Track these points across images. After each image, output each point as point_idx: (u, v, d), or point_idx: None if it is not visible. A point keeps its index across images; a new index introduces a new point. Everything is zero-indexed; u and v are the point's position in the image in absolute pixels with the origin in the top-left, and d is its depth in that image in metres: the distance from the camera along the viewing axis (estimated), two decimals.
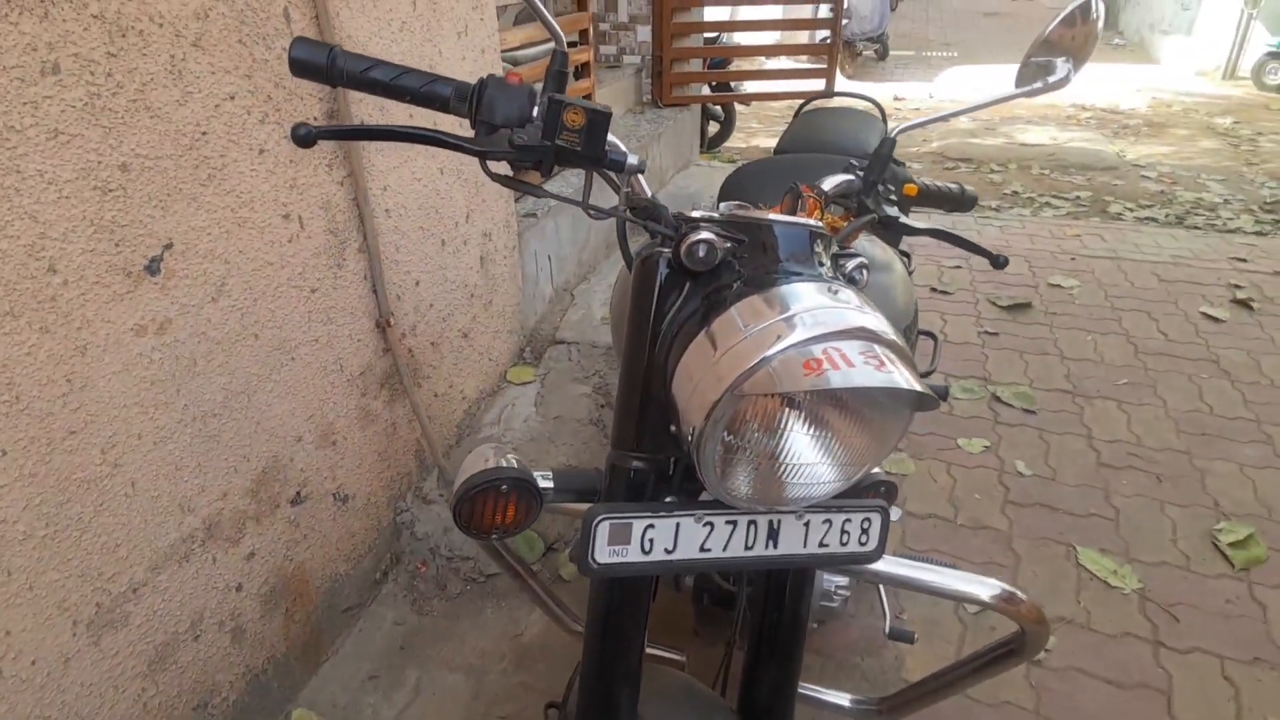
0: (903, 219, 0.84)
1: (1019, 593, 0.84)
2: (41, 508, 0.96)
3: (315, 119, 1.30)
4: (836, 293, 0.59)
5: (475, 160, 0.69)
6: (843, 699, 1.12)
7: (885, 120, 2.02)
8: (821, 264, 0.64)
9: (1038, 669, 1.55)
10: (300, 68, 0.66)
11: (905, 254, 1.71)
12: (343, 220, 1.41)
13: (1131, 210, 4.38)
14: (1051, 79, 0.85)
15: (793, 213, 0.79)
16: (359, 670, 1.56)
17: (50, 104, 0.88)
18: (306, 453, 1.42)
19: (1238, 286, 3.15)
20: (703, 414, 0.56)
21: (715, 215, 0.66)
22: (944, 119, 0.94)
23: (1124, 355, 2.70)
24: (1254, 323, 2.88)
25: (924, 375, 1.81)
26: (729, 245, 0.63)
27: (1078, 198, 4.66)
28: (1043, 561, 1.83)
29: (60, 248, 0.93)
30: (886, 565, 0.89)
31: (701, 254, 0.63)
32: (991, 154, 5.79)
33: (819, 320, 0.56)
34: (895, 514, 1.45)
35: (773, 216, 0.66)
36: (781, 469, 0.60)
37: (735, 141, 6.02)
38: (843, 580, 1.22)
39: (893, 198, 0.86)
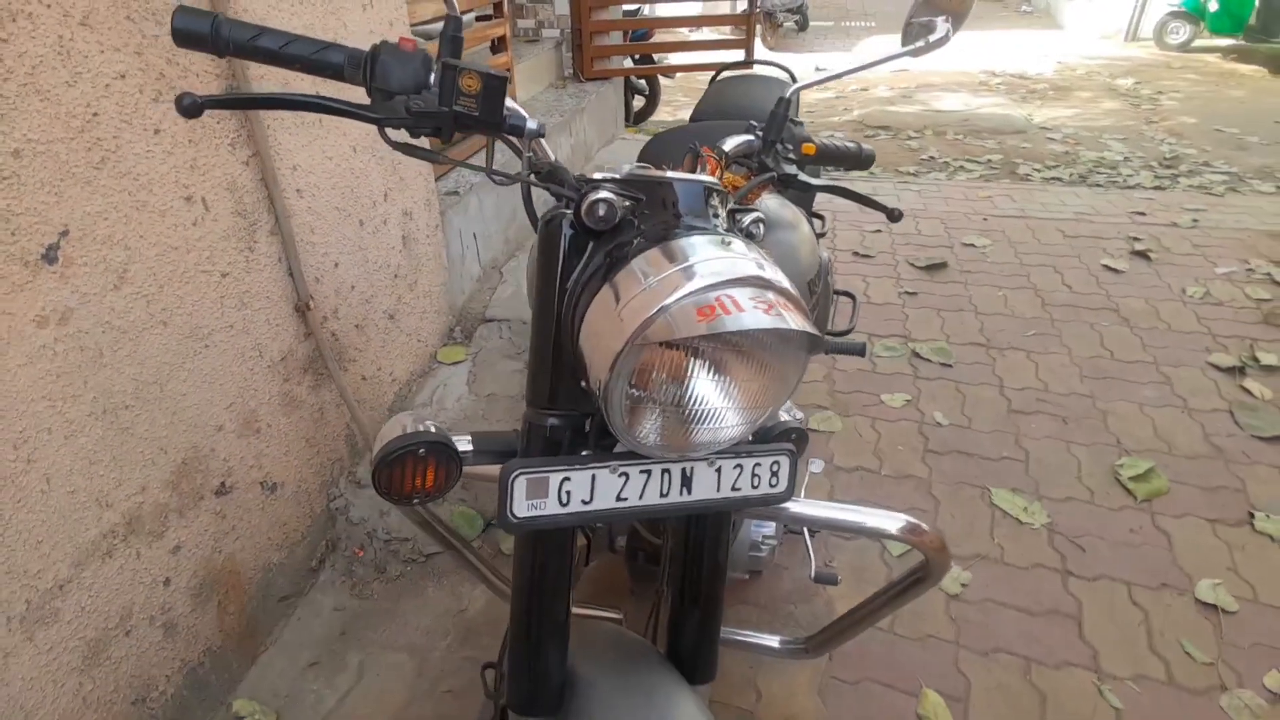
0: (801, 176, 0.87)
1: (922, 524, 0.90)
2: None
3: (223, 93, 1.26)
4: (730, 244, 0.62)
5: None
6: (773, 640, 1.18)
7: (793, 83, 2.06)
8: (717, 217, 0.67)
9: (956, 602, 1.65)
10: (183, 38, 0.64)
11: (819, 216, 1.76)
12: (251, 201, 1.38)
13: (1039, 171, 4.58)
14: (933, 38, 0.90)
15: (692, 172, 0.81)
16: (299, 658, 1.55)
17: None
18: (229, 442, 1.39)
19: (1136, 239, 3.34)
20: (607, 366, 0.58)
21: (615, 176, 0.68)
22: (834, 78, 0.98)
23: (1032, 308, 2.85)
24: (1151, 272, 3.07)
25: (843, 333, 1.88)
26: (628, 204, 0.65)
27: (989, 161, 4.84)
28: (960, 504, 1.93)
29: None
30: (802, 508, 0.93)
31: (601, 212, 0.64)
32: (909, 121, 5.95)
33: (713, 270, 0.58)
34: (817, 466, 1.52)
35: (670, 175, 0.68)
36: (686, 416, 0.62)
37: (661, 114, 6.03)
38: (769, 531, 1.27)
39: (791, 156, 0.89)
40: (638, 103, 5.49)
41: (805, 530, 1.39)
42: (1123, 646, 1.52)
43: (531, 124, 0.71)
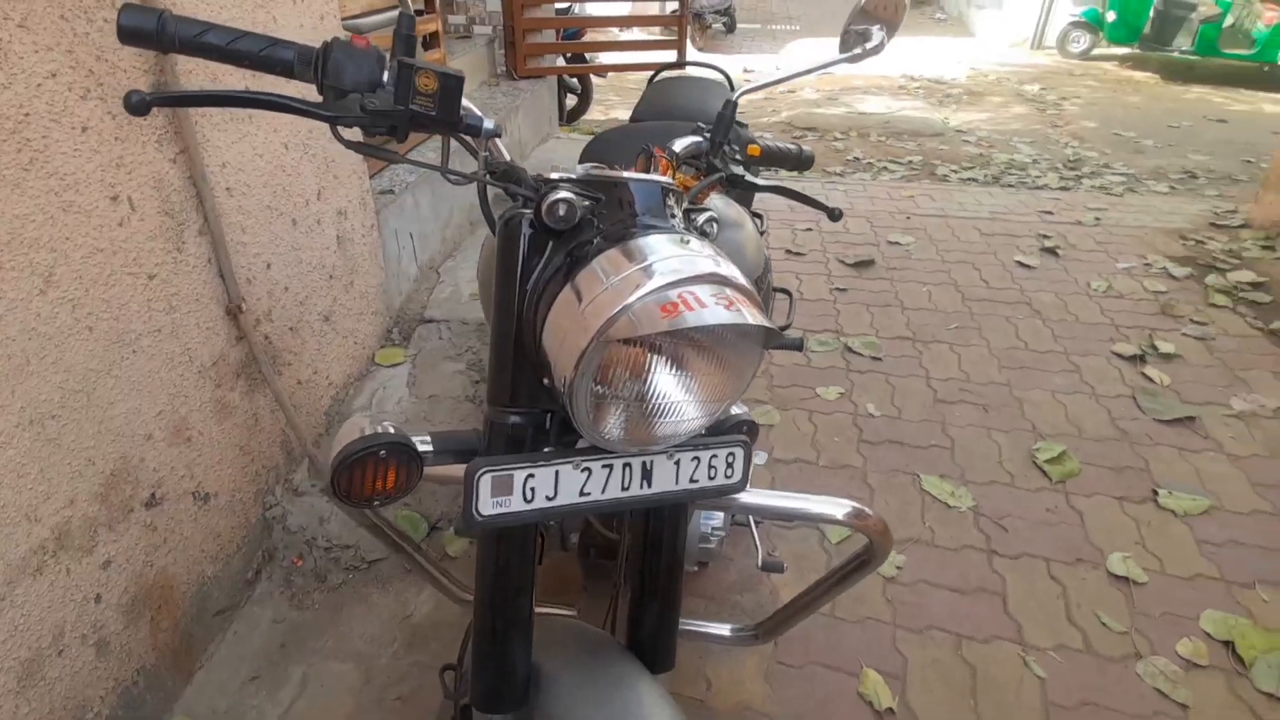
0: (748, 177, 0.90)
1: (866, 509, 0.94)
2: None
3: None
4: (688, 243, 0.64)
5: (323, 135, 0.68)
6: (724, 629, 1.21)
7: (732, 87, 2.11)
8: (674, 217, 0.69)
9: (893, 585, 1.73)
10: (129, 35, 0.62)
11: (758, 215, 1.80)
12: (179, 200, 1.32)
13: (956, 172, 4.79)
14: (869, 45, 0.94)
15: (646, 172, 0.83)
16: (238, 673, 1.50)
17: None
18: (158, 451, 1.33)
19: (1046, 236, 3.55)
20: (572, 363, 0.59)
21: (573, 175, 0.69)
22: (777, 83, 1.01)
23: (954, 302, 2.99)
24: (1060, 267, 3.26)
25: (781, 329, 1.93)
26: (587, 203, 0.66)
27: (910, 162, 5.04)
28: (893, 490, 2.02)
29: None
30: (753, 498, 0.96)
31: (562, 212, 0.65)
32: (834, 123, 6.13)
33: (673, 268, 0.60)
34: (760, 458, 1.57)
35: (628, 175, 0.70)
36: (649, 410, 0.64)
37: (594, 114, 6.04)
38: (718, 522, 1.31)
39: (738, 158, 0.92)
40: (570, 101, 5.48)
41: (751, 521, 1.43)
42: (1044, 619, 1.63)
43: (488, 124, 0.72)
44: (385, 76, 0.67)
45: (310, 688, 1.48)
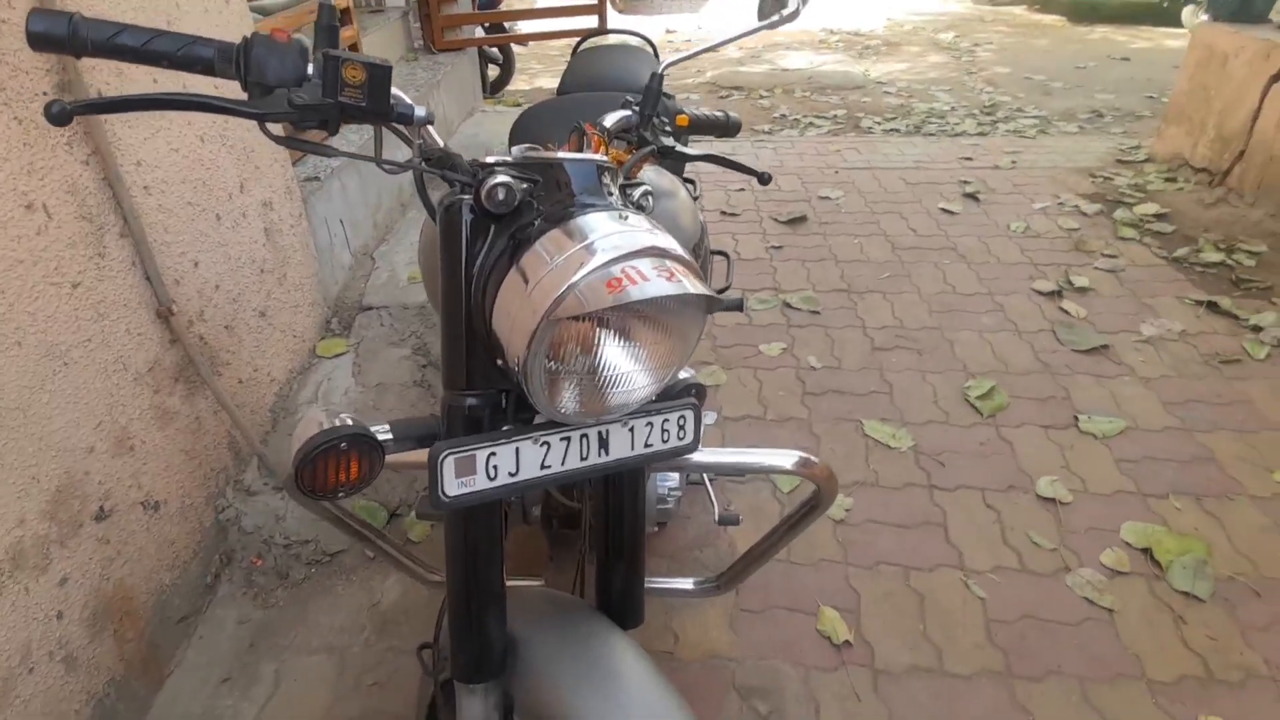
0: (679, 147, 0.92)
1: (812, 457, 1.00)
2: None
3: (45, 94, 1.15)
4: (626, 218, 0.66)
5: (240, 125, 0.68)
6: (686, 583, 1.27)
7: (656, 54, 2.11)
8: (611, 194, 0.71)
9: (842, 527, 1.81)
10: (40, 41, 0.61)
11: (690, 181, 1.83)
12: (95, 203, 1.28)
13: (879, 124, 4.89)
14: (786, 12, 0.97)
15: (580, 150, 0.84)
16: (209, 676, 1.49)
17: None
18: (102, 463, 1.30)
19: (966, 182, 3.68)
20: (524, 343, 0.61)
21: (509, 159, 0.70)
22: (702, 52, 1.03)
23: (884, 252, 3.09)
24: (981, 211, 3.39)
25: (720, 291, 1.97)
26: (525, 186, 0.68)
27: (835, 116, 5.12)
28: (838, 438, 2.10)
29: None
30: (706, 456, 1.01)
31: (501, 196, 0.67)
32: (759, 81, 6.16)
33: (614, 244, 0.63)
34: (710, 418, 1.62)
35: (563, 155, 0.71)
36: (600, 382, 0.67)
37: (518, 84, 5.93)
38: (674, 483, 1.35)
39: (668, 129, 0.94)
40: (492, 72, 5.37)
41: (705, 479, 1.48)
42: (981, 544, 1.74)
43: (420, 111, 0.72)
44: (310, 70, 0.67)
45: (284, 683, 1.49)
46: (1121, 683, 1.44)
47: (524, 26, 5.22)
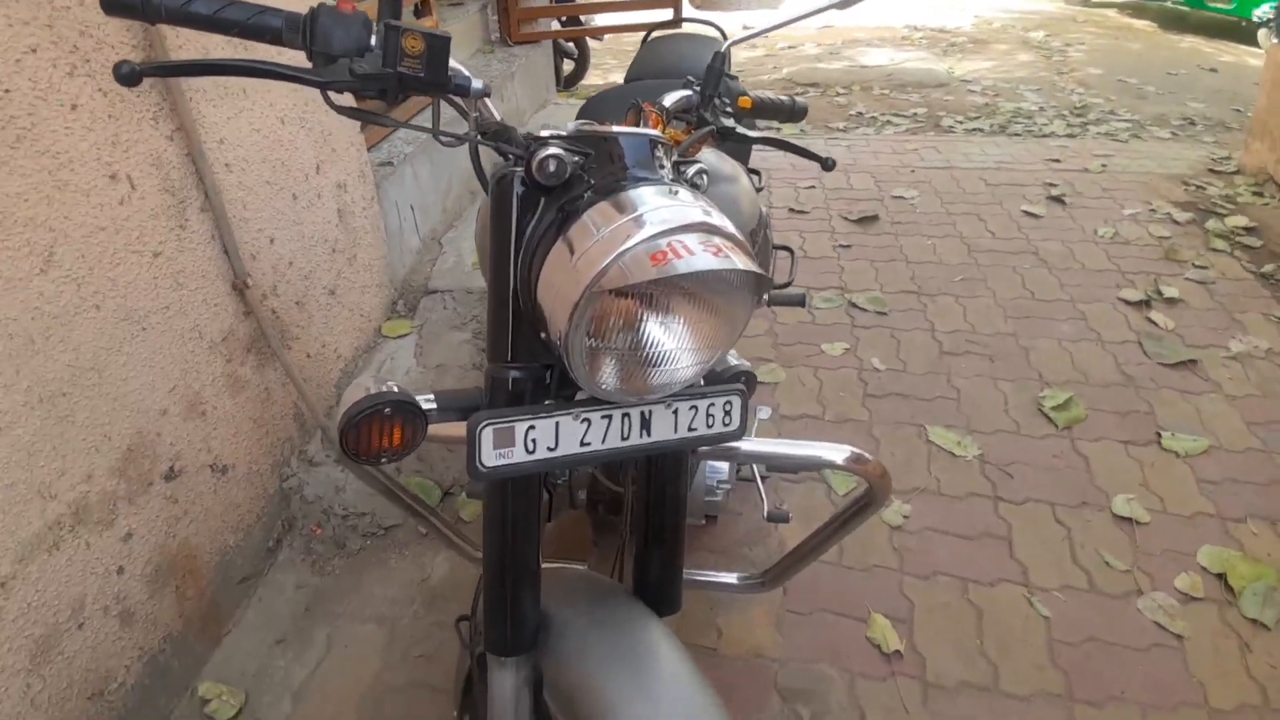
0: (739, 129, 0.90)
1: (865, 454, 0.96)
2: None
3: (164, 60, 1.21)
4: (677, 193, 0.65)
5: (319, 108, 0.69)
6: (730, 577, 1.24)
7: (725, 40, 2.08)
8: (663, 169, 0.69)
9: (899, 533, 1.75)
10: (113, 5, 0.63)
11: (755, 171, 1.79)
12: (179, 178, 1.34)
13: (961, 123, 4.72)
14: None
15: (636, 127, 0.83)
16: (265, 637, 1.55)
17: None
18: (174, 425, 1.36)
19: (1052, 185, 3.51)
20: (566, 316, 0.60)
21: (563, 133, 0.70)
22: (764, 33, 1.01)
23: (959, 254, 2.97)
24: (1066, 215, 3.23)
25: (783, 286, 1.93)
26: (577, 159, 0.67)
27: (915, 114, 4.97)
28: (899, 442, 2.03)
29: None
30: (755, 446, 0.99)
31: (552, 168, 0.66)
32: (836, 78, 6.03)
33: (662, 218, 0.61)
34: (764, 413, 1.58)
35: (617, 129, 0.70)
36: (643, 359, 0.65)
37: (592, 78, 5.96)
38: (724, 475, 1.33)
39: (729, 111, 0.92)
40: (567, 67, 5.41)
41: (757, 474, 1.45)
42: (1049, 561, 1.65)
43: (477, 84, 0.72)
44: (373, 40, 0.67)
45: (335, 649, 1.53)
46: (1184, 711, 1.36)
47: (600, 20, 5.23)
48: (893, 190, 3.62)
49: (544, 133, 0.70)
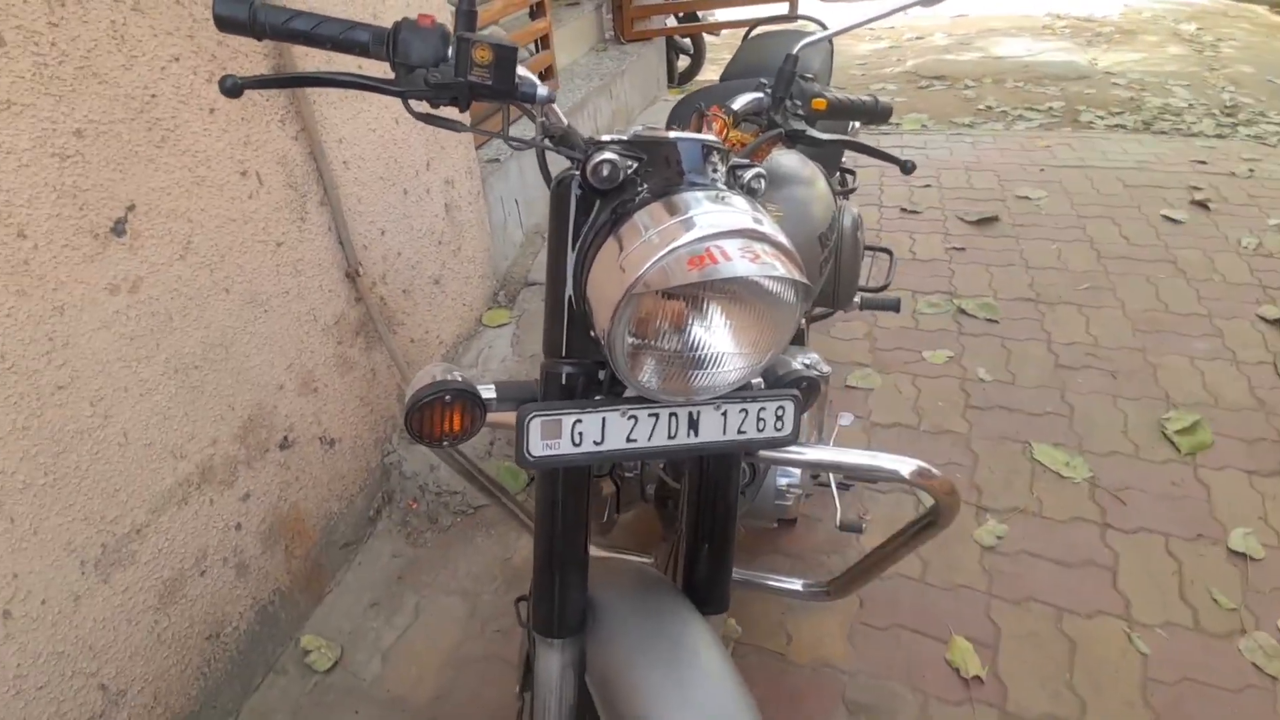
0: (810, 132, 0.89)
1: (932, 469, 0.93)
2: (38, 458, 1.03)
3: (262, 74, 1.34)
4: (724, 199, 0.65)
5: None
6: (795, 584, 1.23)
7: (830, 42, 2.03)
8: (715, 173, 0.70)
9: (991, 554, 1.67)
10: (224, 24, 0.70)
11: (850, 172, 1.75)
12: (301, 174, 1.46)
13: (1102, 118, 4.37)
14: None
15: (698, 131, 0.84)
16: (360, 599, 1.67)
17: None
18: (289, 400, 1.50)
19: (1196, 188, 3.20)
20: (609, 314, 0.63)
21: (622, 137, 0.72)
22: (844, 31, 0.98)
23: (1087, 261, 2.77)
24: (1210, 222, 2.94)
25: (879, 289, 1.88)
26: (630, 163, 0.69)
27: (1051, 109, 4.65)
28: (999, 459, 1.93)
29: (27, 214, 0.99)
30: (817, 453, 0.97)
31: (605, 172, 0.68)
32: (966, 69, 5.73)
33: (709, 222, 0.62)
34: (846, 419, 1.55)
35: (673, 134, 0.71)
36: (686, 361, 0.67)
37: (707, 73, 5.94)
38: (794, 480, 1.31)
39: (799, 113, 0.91)
40: (683, 63, 5.42)
41: (833, 481, 1.42)
42: (1155, 595, 1.53)
43: (542, 91, 0.75)
44: (449, 51, 0.72)
45: (422, 616, 1.63)
46: None
47: (718, 14, 5.20)
48: (1018, 190, 3.41)
49: (605, 137, 0.73)
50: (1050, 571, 1.62)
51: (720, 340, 0.67)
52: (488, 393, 0.78)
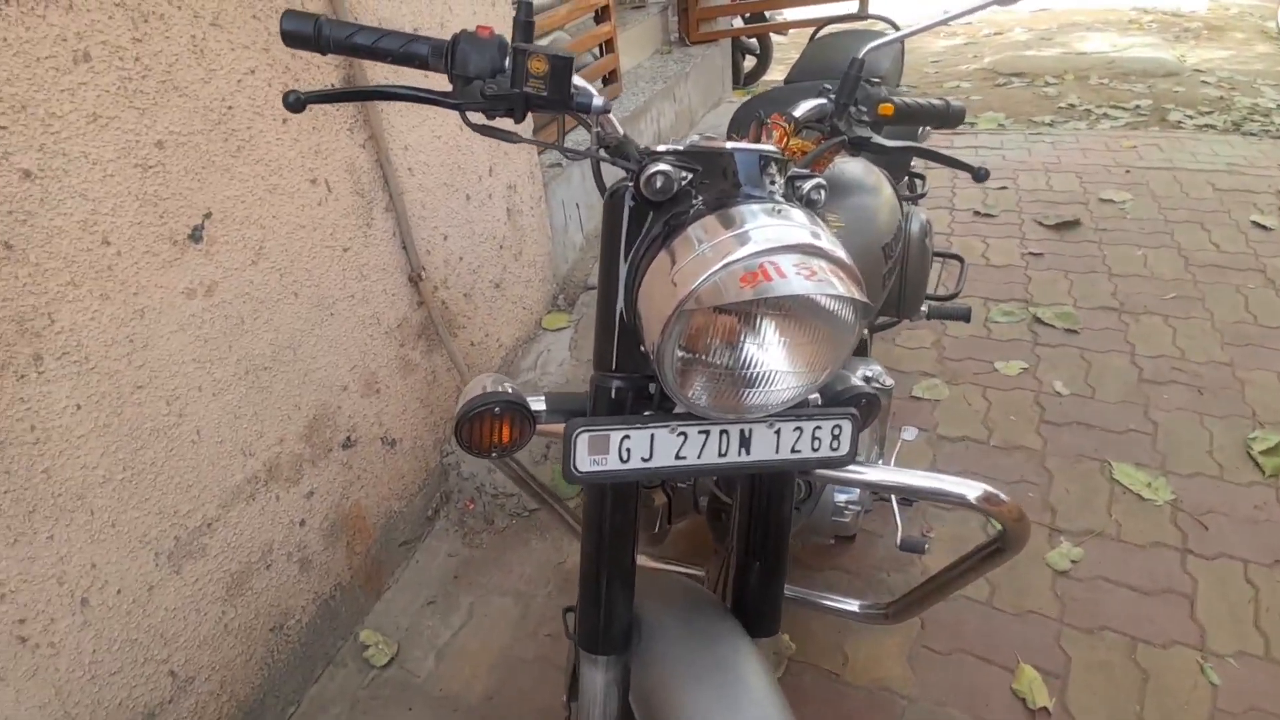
0: (875, 138, 0.86)
1: (1000, 494, 0.88)
2: (118, 454, 1.09)
3: (333, 84, 1.37)
4: (780, 212, 0.63)
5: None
6: (853, 605, 1.19)
7: (901, 42, 1.97)
8: (773, 184, 0.68)
9: (1064, 580, 1.59)
10: (291, 39, 0.72)
11: (919, 176, 1.69)
12: (368, 181, 1.50)
13: (1191, 118, 4.13)
14: None
15: (757, 141, 0.82)
16: (418, 597, 1.71)
17: (86, 90, 0.97)
18: (353, 401, 1.54)
19: None
20: (659, 328, 0.61)
21: (678, 148, 0.71)
22: (910, 35, 0.94)
23: (1174, 269, 2.62)
24: None
25: (948, 298, 1.81)
26: (685, 175, 0.68)
27: (1137, 107, 4.41)
28: (1076, 478, 1.84)
29: (111, 222, 1.04)
30: (880, 474, 0.94)
31: (659, 184, 0.67)
32: (1046, 66, 5.49)
33: (765, 237, 0.60)
34: (910, 433, 1.50)
35: (730, 145, 0.70)
36: (738, 379, 0.65)
37: (774, 74, 5.86)
38: (853, 497, 1.27)
39: (864, 119, 0.88)
40: (749, 64, 5.36)
41: (893, 498, 1.38)
42: (1229, 624, 1.44)
43: (598, 101, 0.75)
44: (506, 63, 0.72)
45: (476, 616, 1.66)
46: None
47: (787, 14, 5.12)
48: (1101, 192, 3.25)
49: (660, 148, 0.71)
50: (1127, 599, 1.53)
51: (774, 358, 0.65)
52: (537, 404, 0.78)
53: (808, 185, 0.73)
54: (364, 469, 1.60)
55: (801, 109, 0.85)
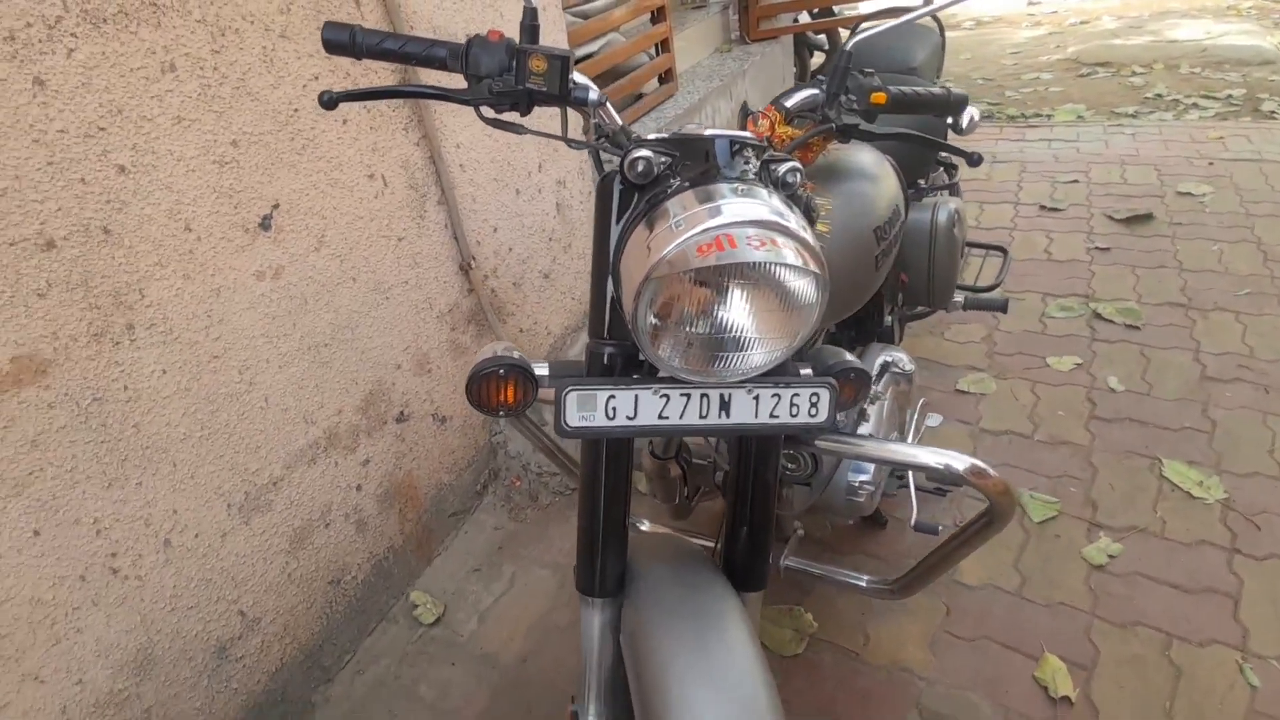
0: (863, 126, 0.90)
1: (987, 468, 0.92)
2: (196, 415, 1.24)
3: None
4: (745, 191, 0.70)
5: (540, 113, 0.83)
6: (861, 580, 1.23)
7: (942, 31, 1.97)
8: (745, 167, 0.74)
9: (1100, 574, 1.57)
10: (331, 46, 0.83)
11: (952, 167, 1.69)
12: (421, 176, 1.62)
13: None
14: None
15: (742, 129, 0.88)
16: (464, 564, 1.83)
17: (171, 96, 1.12)
18: (405, 378, 1.67)
19: None
20: (632, 296, 0.69)
21: (664, 135, 0.78)
22: (901, 20, 0.97)
23: (1251, 264, 2.50)
24: None
25: (989, 289, 1.82)
26: (664, 159, 0.75)
27: (1230, 97, 4.18)
28: (1123, 474, 1.80)
29: (192, 211, 1.18)
30: (860, 445, 0.98)
31: (640, 169, 0.74)
32: (1134, 55, 5.25)
33: (731, 211, 0.67)
34: (934, 420, 1.52)
35: (709, 131, 0.77)
36: (707, 341, 0.72)
37: None
38: (866, 476, 1.31)
39: (855, 108, 0.92)
40: (816, 60, 5.33)
41: (911, 481, 1.40)
42: (1276, 625, 1.38)
43: (593, 94, 0.83)
44: (513, 63, 0.81)
45: (517, 585, 1.76)
46: None
47: (862, 8, 5.07)
48: (1179, 185, 3.12)
49: (650, 136, 0.79)
50: (1165, 596, 1.50)
51: (740, 324, 0.71)
52: (541, 369, 0.86)
53: (783, 168, 0.79)
54: (416, 442, 1.73)
55: (794, 99, 0.91)
